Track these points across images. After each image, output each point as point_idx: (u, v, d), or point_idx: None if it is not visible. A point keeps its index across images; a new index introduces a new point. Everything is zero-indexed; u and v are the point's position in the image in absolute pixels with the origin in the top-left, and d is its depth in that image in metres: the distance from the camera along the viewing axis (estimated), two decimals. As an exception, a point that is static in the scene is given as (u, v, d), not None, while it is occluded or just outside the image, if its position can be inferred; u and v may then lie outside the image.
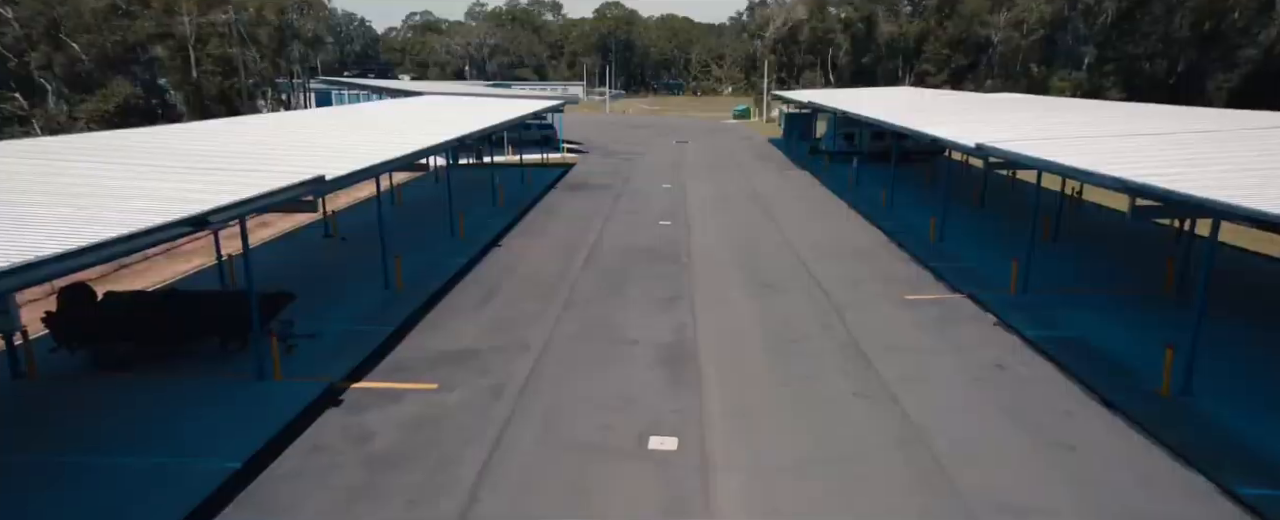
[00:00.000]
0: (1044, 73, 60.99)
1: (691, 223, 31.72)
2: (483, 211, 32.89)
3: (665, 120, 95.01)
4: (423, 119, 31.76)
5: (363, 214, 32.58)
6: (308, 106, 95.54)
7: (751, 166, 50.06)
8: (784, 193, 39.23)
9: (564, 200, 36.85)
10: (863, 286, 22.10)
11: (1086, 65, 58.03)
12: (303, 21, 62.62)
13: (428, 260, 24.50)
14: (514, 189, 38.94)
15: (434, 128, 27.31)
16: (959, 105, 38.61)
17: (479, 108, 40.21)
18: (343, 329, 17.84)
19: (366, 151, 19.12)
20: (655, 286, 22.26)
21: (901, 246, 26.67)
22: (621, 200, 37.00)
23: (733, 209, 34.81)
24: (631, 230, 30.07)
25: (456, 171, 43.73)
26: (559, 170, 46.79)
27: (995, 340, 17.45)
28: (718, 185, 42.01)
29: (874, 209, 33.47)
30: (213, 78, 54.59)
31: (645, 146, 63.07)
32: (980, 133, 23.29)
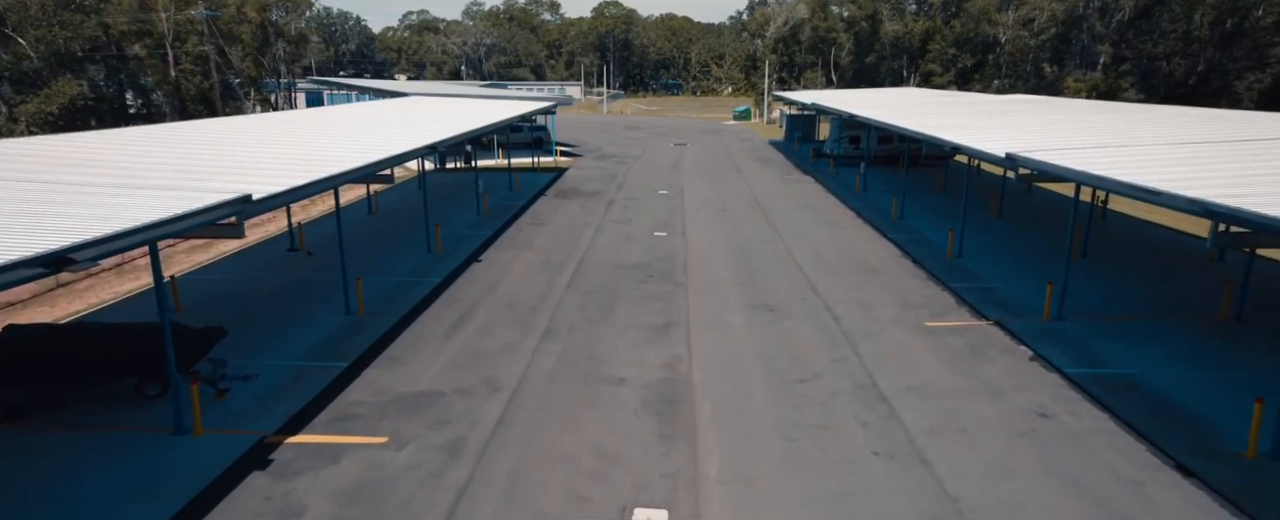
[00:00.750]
0: (1056, 73, 58.81)
1: (688, 233, 29.53)
2: (465, 221, 30.70)
3: (663, 121, 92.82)
4: (399, 122, 29.57)
5: (346, 217, 30.38)
6: (295, 107, 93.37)
7: (752, 170, 47.87)
8: (787, 199, 37.04)
9: (553, 208, 34.65)
10: (877, 310, 19.91)
11: (1101, 65, 55.88)
12: (287, 20, 60.22)
13: (398, 279, 22.31)
14: (501, 196, 36.76)
15: (407, 133, 25.13)
16: (973, 107, 36.41)
17: (464, 110, 38.04)
18: (288, 366, 15.64)
19: (320, 161, 16.92)
20: (647, 310, 20.06)
21: (917, 263, 24.46)
22: (614, 208, 34.80)
23: (733, 218, 32.62)
24: (623, 243, 27.88)
25: (442, 177, 41.65)
26: (550, 175, 44.61)
27: (1033, 380, 15.25)
28: (717, 191, 39.82)
29: (883, 219, 31.27)
30: (192, 77, 52.31)
31: (642, 149, 60.89)
32: (1006, 140, 21.11)
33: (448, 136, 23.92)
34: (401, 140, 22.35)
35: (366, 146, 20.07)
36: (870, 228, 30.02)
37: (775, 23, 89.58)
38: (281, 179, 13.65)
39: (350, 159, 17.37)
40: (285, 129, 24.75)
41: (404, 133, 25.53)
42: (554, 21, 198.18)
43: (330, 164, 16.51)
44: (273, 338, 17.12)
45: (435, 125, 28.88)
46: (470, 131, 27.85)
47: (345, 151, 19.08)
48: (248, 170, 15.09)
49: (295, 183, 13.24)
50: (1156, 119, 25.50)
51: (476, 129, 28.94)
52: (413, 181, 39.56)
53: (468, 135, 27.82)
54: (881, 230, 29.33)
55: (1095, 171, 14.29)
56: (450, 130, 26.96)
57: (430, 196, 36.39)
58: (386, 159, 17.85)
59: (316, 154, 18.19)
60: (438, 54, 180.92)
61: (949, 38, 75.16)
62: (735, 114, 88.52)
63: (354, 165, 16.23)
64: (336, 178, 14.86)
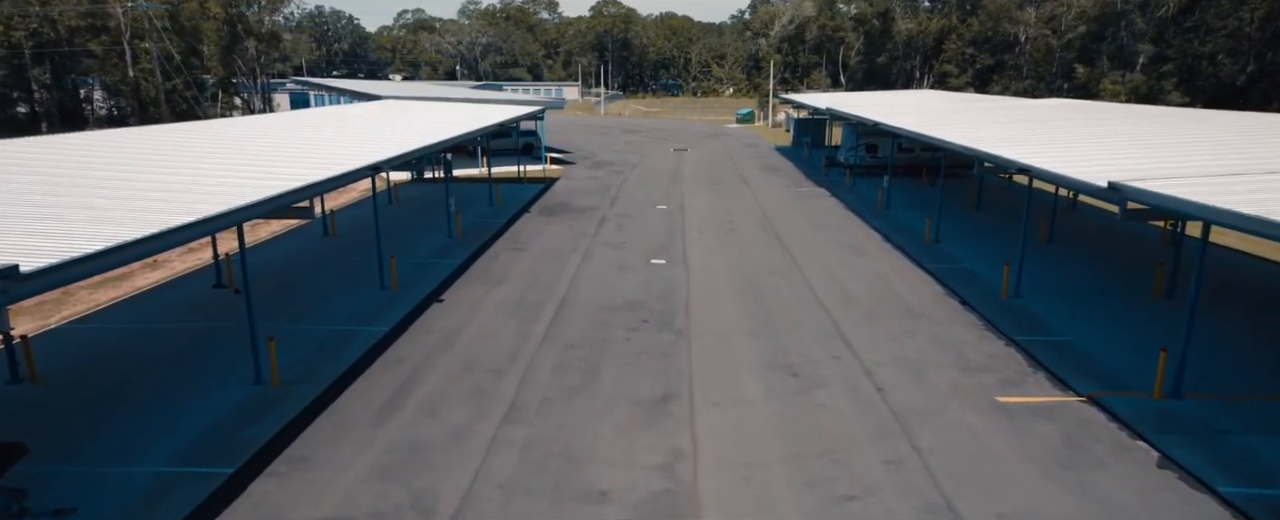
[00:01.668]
0: (1090, 74, 54.57)
1: (690, 260, 25.42)
2: (431, 246, 26.57)
3: (663, 124, 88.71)
4: (359, 133, 25.48)
5: (294, 242, 26.31)
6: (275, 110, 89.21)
7: (759, 181, 43.75)
8: (800, 217, 32.92)
9: (537, 229, 30.52)
10: (930, 374, 15.80)
11: (1139, 65, 51.65)
12: (259, 16, 56.03)
13: (335, 328, 18.19)
14: (479, 212, 32.64)
15: (361, 147, 21.02)
16: (1015, 114, 32.29)
17: (441, 116, 33.94)
18: (146, 476, 11.53)
19: (203, 195, 12.80)
20: (641, 373, 15.97)
21: (966, 304, 20.34)
22: (606, 228, 30.68)
23: (740, 240, 28.51)
24: (615, 274, 23.77)
25: (417, 189, 37.48)
26: (537, 187, 40.47)
27: (1174, 501, 11.13)
28: (721, 206, 35.70)
29: (915, 243, 27.15)
30: (152, 78, 48.18)
31: (640, 155, 56.77)
32: (1090, 160, 17.01)
33: (401, 153, 19.81)
34: (341, 157, 18.24)
35: (284, 169, 15.94)
36: (901, 255, 25.89)
37: (780, 21, 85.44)
38: (82, 238, 9.32)
39: (247, 190, 13.23)
40: (209, 140, 20.62)
41: (357, 147, 21.43)
42: (552, 21, 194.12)
43: (213, 199, 12.37)
44: (138, 429, 12.99)
45: (400, 136, 24.79)
46: (438, 144, 23.75)
47: (254, 175, 14.95)
48: (54, 214, 10.91)
49: (92, 247, 8.78)
50: (1260, 128, 21.34)
51: (448, 139, 24.84)
52: (404, 189, 35.49)
53: (435, 147, 23.73)
54: (915, 258, 25.20)
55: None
56: (415, 142, 22.87)
57: (400, 213, 32.54)
58: (296, 190, 13.70)
59: (207, 184, 14.05)
60: (432, 54, 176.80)
61: (966, 37, 70.90)
62: (738, 117, 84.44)
63: (236, 205, 12.05)
64: (186, 230, 10.52)
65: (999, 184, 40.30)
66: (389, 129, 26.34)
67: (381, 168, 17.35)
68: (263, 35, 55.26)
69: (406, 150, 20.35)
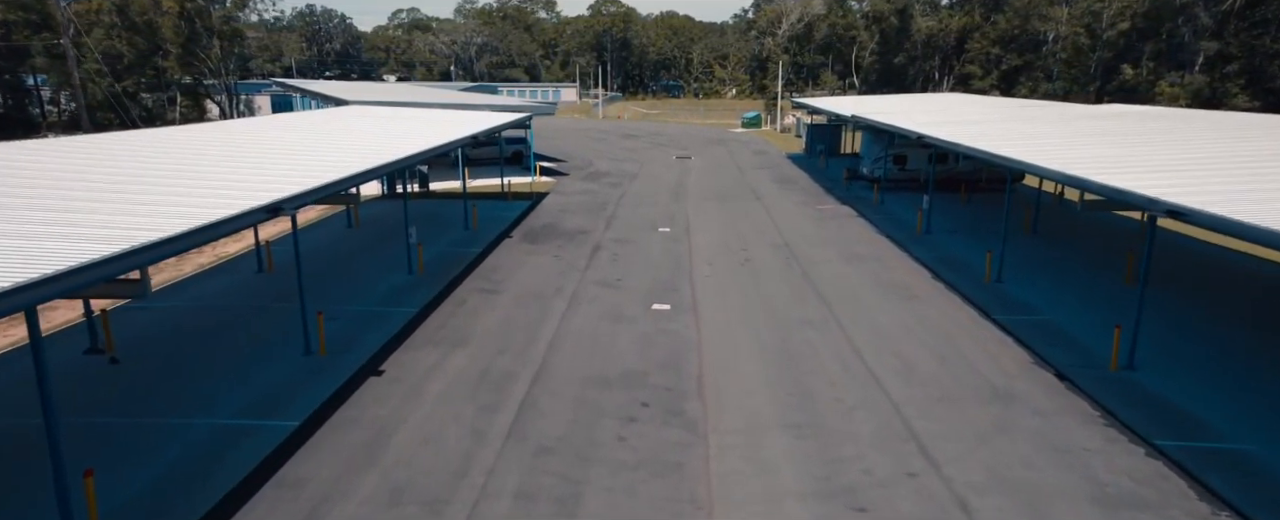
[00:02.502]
0: (1138, 75, 49.47)
1: (701, 307, 20.65)
2: (385, 288, 21.75)
3: (664, 128, 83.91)
4: (305, 148, 20.67)
5: (216, 282, 21.32)
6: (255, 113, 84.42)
7: (774, 196, 38.95)
8: (826, 243, 28.14)
9: (518, 260, 25.72)
10: (1055, 507, 11.01)
11: (1198, 65, 46.79)
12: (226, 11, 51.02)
13: (221, 421, 13.40)
14: (451, 239, 27.85)
15: (264, 174, 16.22)
16: (1074, 124, 27.48)
17: (405, 126, 29.18)
18: None
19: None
20: (641, 504, 11.20)
21: (1066, 380, 15.54)
22: (600, 259, 25.89)
23: (759, 276, 23.74)
24: (609, 327, 18.99)
25: (385, 207, 32.40)
26: (523, 204, 35.66)
27: None
28: (733, 228, 30.92)
29: (973, 282, 22.35)
30: (101, 79, 43.38)
31: (639, 163, 51.98)
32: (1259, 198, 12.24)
33: (325, 182, 15.03)
34: (237, 191, 13.45)
35: (112, 221, 11.11)
36: (959, 299, 21.08)
37: (788, 20, 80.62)
38: None
39: (64, 249, 8.46)
40: (78, 157, 15.80)
41: (273, 171, 16.65)
42: (550, 20, 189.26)
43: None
44: None
45: (341, 155, 20.00)
46: (387, 165, 18.96)
47: (103, 218, 10.16)
48: None
49: None
50: None
51: (402, 159, 20.04)
52: (369, 208, 30.67)
53: (381, 171, 18.94)
54: (979, 305, 20.40)
55: None
56: (357, 163, 18.11)
57: (356, 241, 27.56)
58: (140, 248, 8.93)
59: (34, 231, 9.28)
60: (426, 54, 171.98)
61: (991, 36, 65.94)
62: (744, 121, 79.65)
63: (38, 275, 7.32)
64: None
65: (1044, 200, 35.54)
66: (335, 145, 21.54)
67: (283, 208, 12.54)
68: (223, 32, 50.33)
69: (340, 177, 15.58)
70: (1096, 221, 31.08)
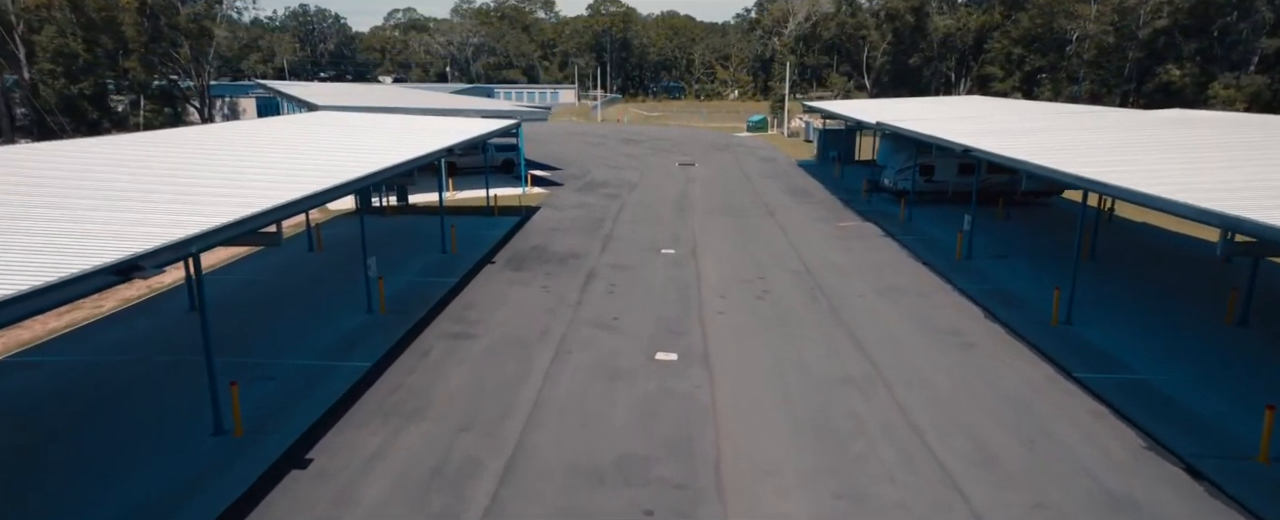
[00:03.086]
0: (1184, 76, 45.65)
1: (713, 359, 17.10)
2: (334, 335, 18.14)
3: (666, 132, 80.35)
4: (212, 170, 17.08)
5: (131, 329, 17.65)
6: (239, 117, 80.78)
7: (787, 210, 35.38)
8: (855, 271, 24.56)
9: (498, 294, 22.15)
10: None
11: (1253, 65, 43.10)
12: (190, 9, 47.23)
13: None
14: (423, 265, 24.25)
15: (176, 202, 12.65)
16: (1137, 134, 23.85)
17: (371, 139, 25.60)
18: None
19: None
20: None
21: (1203, 476, 11.94)
22: (594, 291, 22.32)
23: (782, 313, 20.17)
24: (603, 388, 15.43)
25: (355, 228, 28.31)
26: (510, 221, 32.07)
27: None
28: (746, 250, 27.35)
29: (1036, 323, 18.77)
30: (55, 80, 39.77)
31: (639, 171, 48.43)
32: None
33: (244, 215, 11.47)
34: (102, 238, 9.87)
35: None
36: (1027, 349, 17.47)
37: (795, 19, 76.97)
38: None
39: None
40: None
41: (185, 199, 13.09)
42: (549, 20, 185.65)
43: None
44: None
45: (279, 177, 16.43)
46: (332, 190, 15.36)
47: None
48: None
49: None
50: None
51: (353, 181, 16.46)
52: (340, 226, 27.05)
53: (325, 198, 15.34)
54: (1053, 358, 16.79)
55: None
56: (290, 190, 14.54)
57: (314, 270, 23.52)
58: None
59: None
60: (421, 55, 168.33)
61: (1013, 35, 62.17)
62: (749, 124, 76.07)
63: None
64: None
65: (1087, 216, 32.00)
66: (273, 162, 17.95)
67: (141, 267, 8.92)
68: (188, 30, 46.51)
69: (245, 214, 11.97)
70: (1164, 245, 27.53)
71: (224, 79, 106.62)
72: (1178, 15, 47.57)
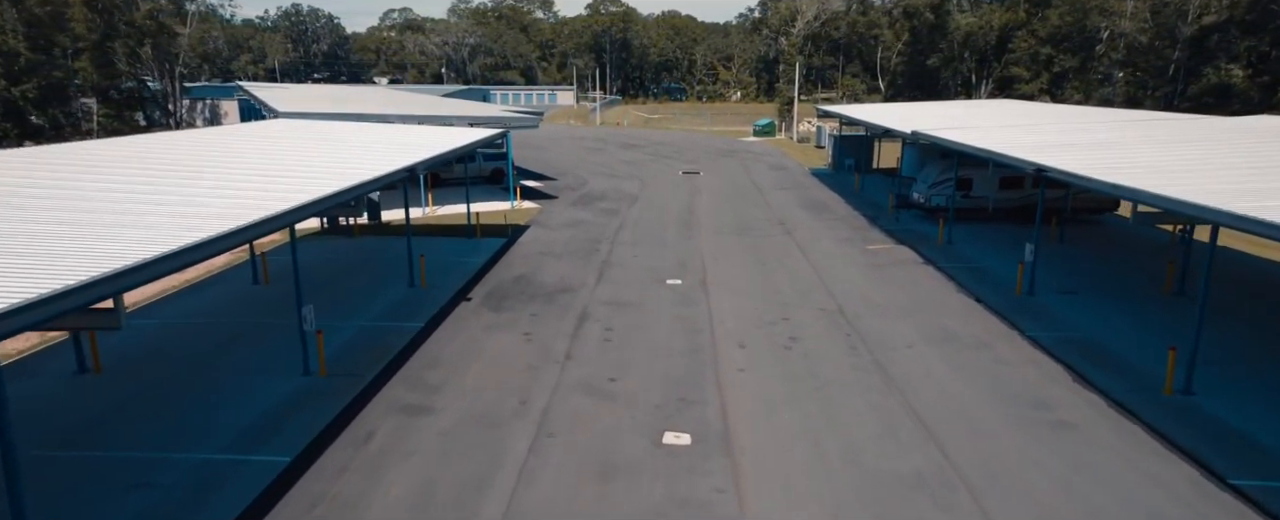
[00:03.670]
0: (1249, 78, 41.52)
1: (738, 445, 13.31)
2: (250, 413, 14.24)
3: (667, 137, 76.55)
4: (95, 204, 13.22)
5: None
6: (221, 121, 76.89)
7: (807, 229, 31.54)
8: (896, 310, 20.71)
9: (470, 344, 18.30)
10: None
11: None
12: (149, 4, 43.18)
13: None
14: (385, 305, 20.35)
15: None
16: (1231, 147, 19.92)
17: (331, 152, 21.76)
18: None
19: None
20: None
21: None
22: (586, 339, 18.47)
23: (818, 375, 16.33)
24: (594, 490, 11.67)
25: (316, 252, 24.17)
26: (494, 244, 28.21)
27: None
28: (765, 281, 23.51)
29: (1143, 390, 14.91)
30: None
31: (640, 180, 44.61)
32: None
33: (104, 274, 7.57)
34: None
35: None
36: (1147, 433, 13.57)
37: (804, 18, 73.08)
38: None
39: None
40: None
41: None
42: (548, 20, 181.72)
43: None
44: None
45: (191, 210, 12.57)
46: (256, 225, 11.52)
47: None
48: None
49: None
50: None
51: (278, 216, 12.60)
52: (299, 250, 23.12)
53: (243, 236, 11.48)
54: (1190, 452, 12.88)
55: None
56: (195, 228, 10.70)
57: (256, 308, 18.69)
58: None
59: None
60: (416, 55, 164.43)
61: (1040, 33, 58.19)
62: (756, 128, 72.23)
63: None
64: None
65: (1158, 238, 28.22)
66: (160, 195, 14.05)
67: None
68: (145, 26, 42.49)
69: (95, 277, 8.13)
70: (1257, 273, 23.66)
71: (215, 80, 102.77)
72: (1235, 9, 43.43)
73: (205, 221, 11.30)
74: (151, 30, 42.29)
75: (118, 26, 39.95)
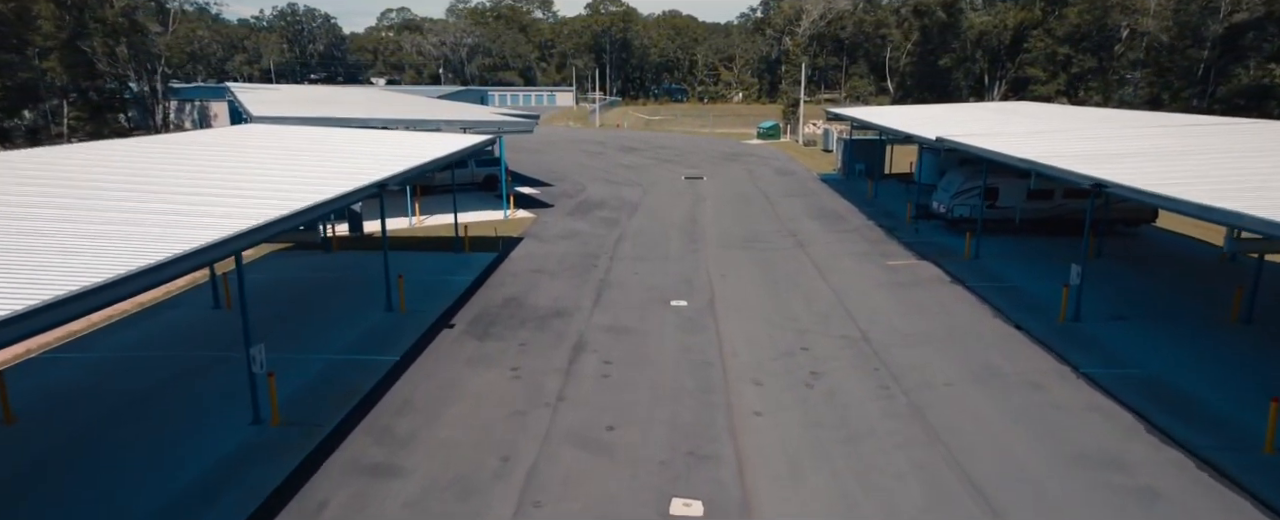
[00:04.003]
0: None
1: (759, 513, 11.10)
2: (184, 475, 12.08)
3: (669, 139, 74.41)
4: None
5: None
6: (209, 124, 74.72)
7: (820, 242, 29.37)
8: (930, 340, 18.54)
9: (448, 385, 16.13)
10: None
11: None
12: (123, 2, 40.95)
13: None
14: (357, 334, 18.14)
15: None
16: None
17: (298, 165, 19.61)
18: None
19: None
20: None
21: None
22: (580, 375, 16.32)
23: (845, 416, 14.19)
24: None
25: (286, 269, 21.82)
26: (484, 259, 26.03)
27: None
28: (779, 304, 21.34)
29: (1235, 444, 12.72)
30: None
31: (641, 186, 42.46)
32: None
33: None
34: None
35: None
36: (1253, 505, 11.39)
37: (809, 17, 70.90)
38: None
39: None
40: None
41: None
42: (547, 20, 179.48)
43: None
44: None
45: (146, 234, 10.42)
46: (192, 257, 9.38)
47: None
48: None
49: None
50: None
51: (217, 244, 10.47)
52: (269, 267, 20.87)
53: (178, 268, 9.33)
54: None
55: None
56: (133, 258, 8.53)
57: (211, 337, 15.79)
58: None
59: None
60: (414, 55, 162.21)
61: (1058, 32, 55.85)
62: (760, 131, 70.05)
63: None
64: None
65: (1205, 254, 26.08)
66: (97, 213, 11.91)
67: None
68: (114, 23, 40.12)
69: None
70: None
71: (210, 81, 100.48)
72: (1274, 4, 40.98)
73: (104, 259, 9.12)
74: (124, 28, 40.07)
75: (88, 24, 37.74)
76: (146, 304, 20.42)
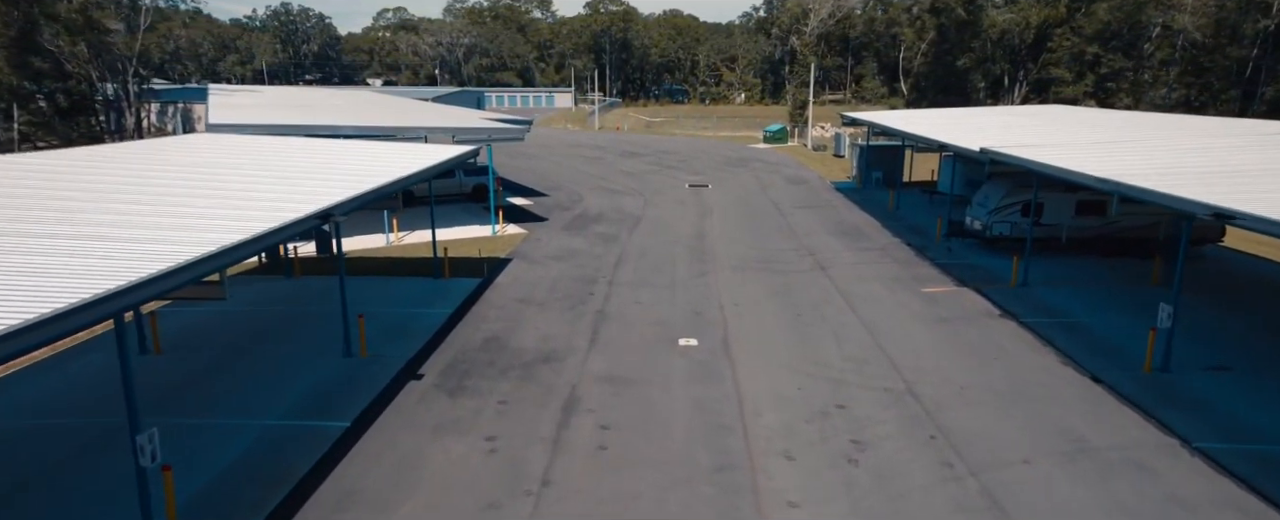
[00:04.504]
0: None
1: None
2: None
3: (671, 143, 71.33)
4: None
5: None
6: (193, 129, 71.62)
7: (844, 263, 26.29)
8: (988, 392, 15.50)
9: (403, 463, 13.07)
10: None
11: None
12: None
13: None
14: (303, 389, 15.00)
15: None
16: None
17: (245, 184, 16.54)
18: None
19: None
20: None
21: None
22: (571, 442, 13.26)
23: (900, 508, 11.11)
24: None
25: (249, 298, 18.61)
26: (464, 288, 22.93)
27: None
28: (805, 343, 18.26)
29: None
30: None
31: (642, 197, 39.39)
32: None
33: None
34: None
35: None
36: None
37: (817, 16, 67.81)
38: None
39: None
40: None
41: None
42: (546, 20, 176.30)
43: None
44: None
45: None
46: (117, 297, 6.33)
47: None
48: None
49: None
50: None
51: (130, 288, 7.41)
52: (153, 326, 17.75)
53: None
54: None
55: None
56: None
57: (109, 405, 13.11)
58: None
59: None
60: (410, 56, 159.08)
61: (1086, 31, 52.69)
62: (766, 134, 66.98)
63: None
64: None
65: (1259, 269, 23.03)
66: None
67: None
68: (73, 23, 36.97)
69: None
70: None
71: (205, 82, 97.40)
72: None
73: None
74: (80, 25, 36.85)
75: (37, 21, 34.50)
76: (59, 349, 17.32)
